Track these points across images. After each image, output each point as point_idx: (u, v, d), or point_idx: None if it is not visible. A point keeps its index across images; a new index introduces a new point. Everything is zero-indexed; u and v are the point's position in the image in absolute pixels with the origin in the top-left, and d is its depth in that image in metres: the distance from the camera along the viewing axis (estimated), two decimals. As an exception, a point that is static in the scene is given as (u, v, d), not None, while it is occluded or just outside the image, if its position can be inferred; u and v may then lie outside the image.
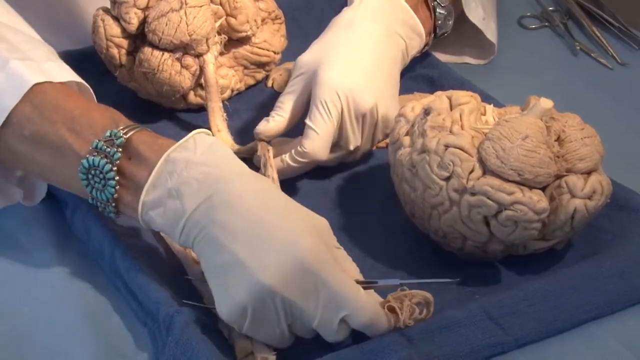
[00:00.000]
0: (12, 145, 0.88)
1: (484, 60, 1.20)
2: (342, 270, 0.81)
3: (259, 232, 0.80)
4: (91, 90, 0.93)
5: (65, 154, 0.86)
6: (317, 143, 0.98)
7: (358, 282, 0.82)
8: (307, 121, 0.98)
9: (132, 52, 1.09)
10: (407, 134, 0.93)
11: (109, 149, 0.84)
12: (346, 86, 0.98)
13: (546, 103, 0.90)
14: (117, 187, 0.84)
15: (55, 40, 1.02)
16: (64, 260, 0.93)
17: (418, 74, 1.14)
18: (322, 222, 0.84)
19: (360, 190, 1.01)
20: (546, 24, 1.28)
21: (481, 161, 0.87)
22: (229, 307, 0.80)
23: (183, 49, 1.06)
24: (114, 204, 0.85)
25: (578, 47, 1.23)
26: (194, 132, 0.85)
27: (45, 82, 0.88)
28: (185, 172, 0.82)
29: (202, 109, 1.10)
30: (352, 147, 1.00)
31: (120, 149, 0.84)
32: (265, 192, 0.83)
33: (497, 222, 0.87)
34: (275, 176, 0.97)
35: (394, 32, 1.05)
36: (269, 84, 1.16)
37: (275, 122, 1.00)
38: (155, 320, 0.84)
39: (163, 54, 1.06)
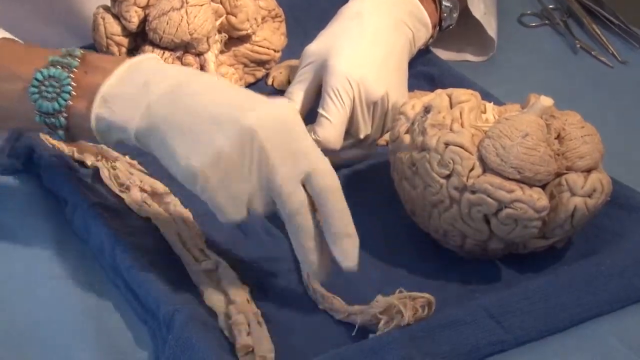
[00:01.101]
0: None
1: (483, 56, 1.20)
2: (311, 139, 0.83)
3: (237, 97, 0.82)
4: None
5: (9, 82, 0.85)
6: (330, 131, 0.98)
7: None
8: (320, 110, 0.98)
9: (133, 50, 1.09)
10: (407, 132, 0.93)
11: (65, 60, 0.84)
12: (357, 74, 0.98)
13: (546, 101, 0.90)
14: (73, 93, 0.83)
15: (56, 38, 1.02)
16: (63, 258, 0.93)
17: (418, 72, 1.14)
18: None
19: (360, 189, 1.01)
20: (546, 22, 1.28)
21: (481, 159, 0.87)
22: (200, 156, 0.80)
23: (184, 47, 1.06)
24: (65, 115, 0.84)
25: (578, 45, 1.23)
26: (147, 54, 0.87)
27: None
28: (150, 69, 0.83)
29: (202, 107, 1.10)
30: (362, 136, 1.00)
31: (78, 60, 0.84)
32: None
33: (497, 220, 0.87)
34: None
35: (401, 23, 1.05)
36: (269, 82, 1.16)
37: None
38: (156, 318, 0.84)
39: (164, 52, 1.06)
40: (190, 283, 0.89)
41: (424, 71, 1.14)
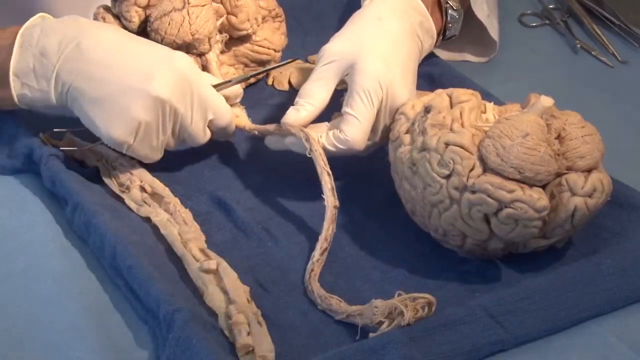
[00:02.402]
0: None
1: (484, 58, 1.20)
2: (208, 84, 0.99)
3: (137, 58, 0.95)
4: None
5: None
6: (357, 131, 0.96)
7: (214, 85, 1.00)
8: (348, 109, 0.96)
9: (133, 50, 1.09)
10: (407, 132, 0.93)
11: None
12: (388, 78, 0.97)
13: (546, 101, 0.90)
14: None
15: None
16: (64, 258, 0.93)
17: (418, 72, 1.13)
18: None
19: (360, 188, 1.01)
20: (547, 22, 1.28)
21: (481, 159, 0.87)
22: (121, 128, 0.93)
23: (186, 48, 1.06)
24: None
25: (578, 45, 1.23)
26: (36, 15, 0.96)
27: None
28: (42, 35, 0.92)
29: (202, 107, 1.10)
30: (378, 138, 0.99)
31: None
32: (126, 33, 0.98)
33: (497, 220, 0.87)
34: (322, 151, 0.95)
35: (415, 31, 1.05)
36: (269, 81, 1.16)
37: (307, 111, 0.98)
38: (156, 318, 0.84)
39: (164, 52, 1.06)
40: (190, 283, 0.89)
41: (425, 71, 1.14)
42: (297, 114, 0.98)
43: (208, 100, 0.98)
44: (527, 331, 0.84)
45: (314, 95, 0.98)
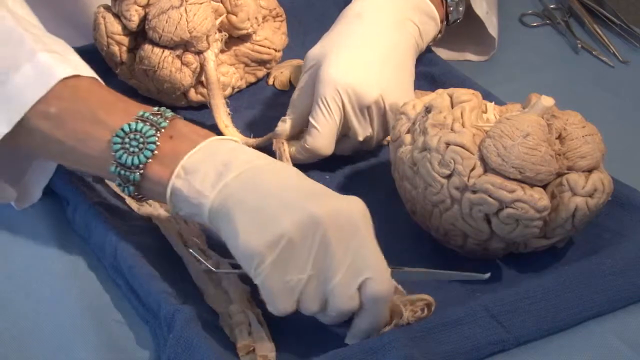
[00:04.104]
0: (32, 123, 0.87)
1: (485, 56, 1.20)
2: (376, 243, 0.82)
3: (312, 187, 0.82)
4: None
5: (94, 127, 0.85)
6: (319, 140, 0.99)
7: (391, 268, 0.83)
8: (310, 118, 0.99)
9: (133, 49, 1.09)
10: (408, 132, 0.93)
11: (155, 118, 0.84)
12: (346, 82, 0.98)
13: (547, 101, 0.90)
14: (155, 152, 0.83)
15: (59, 37, 1.02)
16: (65, 257, 0.93)
17: (419, 72, 1.14)
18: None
19: (361, 188, 1.01)
20: (547, 21, 1.28)
21: (482, 159, 0.87)
22: (261, 236, 0.78)
23: (183, 46, 1.06)
24: (141, 172, 0.84)
25: (579, 45, 1.23)
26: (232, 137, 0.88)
27: (76, 75, 0.88)
28: (233, 151, 0.83)
29: (203, 107, 1.10)
30: (360, 139, 1.00)
31: (167, 121, 0.84)
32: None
33: (498, 220, 0.87)
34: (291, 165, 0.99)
35: (405, 19, 1.05)
36: (270, 81, 1.16)
37: (291, 121, 1.01)
38: (157, 318, 0.84)
39: (163, 51, 1.06)
40: (191, 283, 0.89)
41: (425, 71, 1.14)
42: (284, 125, 1.02)
43: (370, 255, 0.80)
44: (528, 331, 0.84)
45: (296, 105, 1.02)
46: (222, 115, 1.04)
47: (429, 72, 1.14)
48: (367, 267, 0.79)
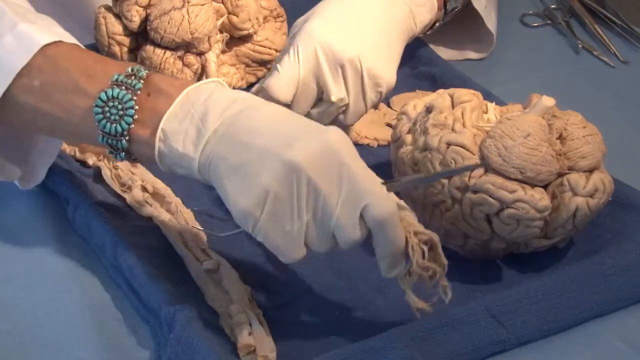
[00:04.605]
0: (18, 99, 0.87)
1: (484, 53, 1.20)
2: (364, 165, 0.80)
3: (286, 127, 0.79)
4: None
5: (77, 97, 0.85)
6: (276, 81, 0.98)
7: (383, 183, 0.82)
8: (276, 62, 0.99)
9: (134, 50, 1.09)
10: (409, 132, 0.93)
11: (129, 81, 0.83)
12: (322, 35, 0.98)
13: (548, 101, 0.90)
14: (135, 116, 0.82)
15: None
16: (65, 257, 0.93)
17: (420, 72, 1.14)
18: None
19: (362, 188, 1.01)
20: (548, 22, 1.28)
21: (483, 159, 0.87)
22: (247, 196, 0.77)
23: (185, 47, 1.06)
24: (127, 138, 0.83)
25: (580, 45, 1.23)
26: (210, 79, 0.84)
27: (56, 41, 0.87)
28: (209, 100, 0.81)
29: (204, 107, 1.10)
30: (333, 98, 0.99)
31: (142, 81, 0.83)
32: (290, 112, 0.83)
33: (499, 220, 0.87)
34: None
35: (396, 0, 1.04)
36: (271, 81, 1.16)
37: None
38: (157, 318, 0.84)
39: (165, 52, 1.06)
40: (191, 283, 0.89)
41: (426, 71, 1.14)
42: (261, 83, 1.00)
43: (361, 181, 0.78)
44: (529, 331, 0.84)
45: (282, 65, 0.99)
46: None
47: (430, 72, 1.14)
48: (363, 194, 0.78)
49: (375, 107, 1.03)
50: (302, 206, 0.78)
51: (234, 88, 1.13)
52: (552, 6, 1.30)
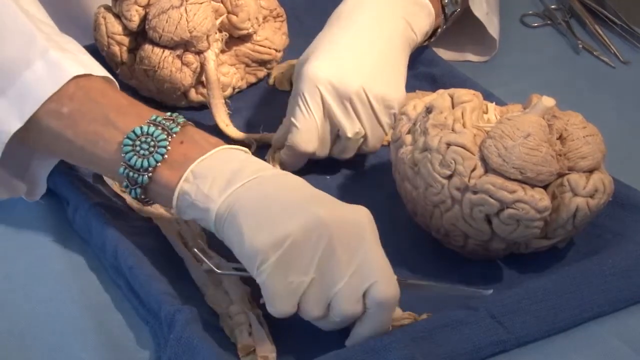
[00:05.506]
0: (43, 122, 0.88)
1: (485, 57, 1.20)
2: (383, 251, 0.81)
3: (319, 193, 0.82)
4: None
5: (105, 129, 0.86)
6: (299, 136, 0.98)
7: None
8: (290, 116, 0.99)
9: (133, 49, 1.09)
10: (408, 132, 0.93)
11: (167, 123, 0.85)
12: (323, 76, 0.98)
13: (548, 101, 0.90)
14: (165, 156, 0.83)
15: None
16: (65, 257, 0.93)
17: (420, 72, 1.14)
18: None
19: (361, 189, 1.01)
20: (548, 22, 1.28)
21: (483, 159, 0.87)
22: (267, 236, 0.78)
23: (184, 46, 1.06)
24: (150, 175, 0.84)
25: (580, 46, 1.23)
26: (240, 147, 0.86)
27: (88, 73, 0.89)
28: (245, 162, 0.83)
29: (203, 107, 1.10)
30: (349, 134, 0.99)
31: (179, 127, 0.85)
32: None
33: (499, 220, 0.87)
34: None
35: (390, 15, 1.04)
36: (271, 82, 1.16)
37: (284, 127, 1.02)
38: (157, 318, 0.84)
39: (164, 51, 1.06)
40: (191, 283, 0.89)
41: (426, 71, 1.14)
42: (278, 134, 1.02)
43: (375, 259, 0.80)
44: (529, 332, 0.84)
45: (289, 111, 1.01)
46: (222, 114, 1.05)
47: (430, 73, 1.14)
48: (374, 273, 0.79)
49: None
50: (314, 262, 0.79)
51: (234, 88, 1.13)
52: (552, 6, 1.30)
